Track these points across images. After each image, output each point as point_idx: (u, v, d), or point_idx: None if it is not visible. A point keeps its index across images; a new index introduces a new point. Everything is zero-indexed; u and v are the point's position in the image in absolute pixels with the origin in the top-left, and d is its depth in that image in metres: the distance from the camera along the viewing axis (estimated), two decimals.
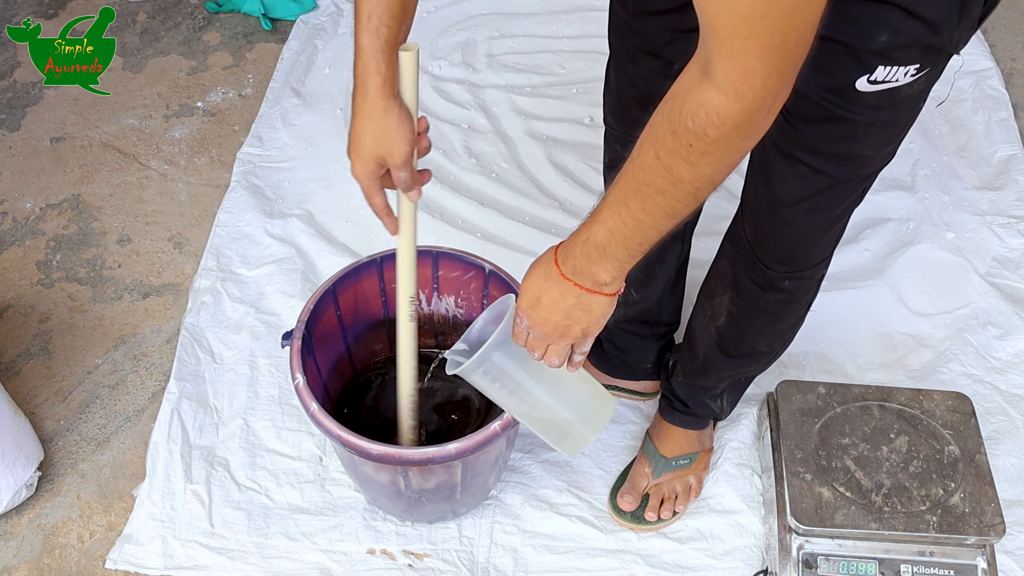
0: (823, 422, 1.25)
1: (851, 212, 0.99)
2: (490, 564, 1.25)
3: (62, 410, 1.44)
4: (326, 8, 2.22)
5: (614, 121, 1.15)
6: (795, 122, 0.87)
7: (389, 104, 0.85)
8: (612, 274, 0.78)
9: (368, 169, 0.89)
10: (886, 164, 0.93)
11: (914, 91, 0.82)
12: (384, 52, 0.82)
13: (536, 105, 1.96)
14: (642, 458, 1.34)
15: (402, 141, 0.87)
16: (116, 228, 1.73)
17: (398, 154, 0.88)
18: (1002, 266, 1.66)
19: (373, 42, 0.81)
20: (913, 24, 0.74)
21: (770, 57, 0.59)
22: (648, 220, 0.72)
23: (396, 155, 0.88)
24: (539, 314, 0.83)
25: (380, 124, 0.86)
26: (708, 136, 0.64)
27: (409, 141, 0.88)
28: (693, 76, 0.64)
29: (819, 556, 1.17)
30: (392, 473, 1.10)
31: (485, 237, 1.67)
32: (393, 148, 0.87)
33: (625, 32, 1.02)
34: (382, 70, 0.83)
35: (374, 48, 0.82)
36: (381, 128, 0.86)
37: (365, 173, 0.90)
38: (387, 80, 0.84)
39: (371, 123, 0.86)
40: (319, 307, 1.16)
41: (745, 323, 1.13)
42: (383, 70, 0.83)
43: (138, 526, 1.28)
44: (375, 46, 0.81)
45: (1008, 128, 1.90)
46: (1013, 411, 1.44)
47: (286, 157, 1.84)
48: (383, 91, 0.84)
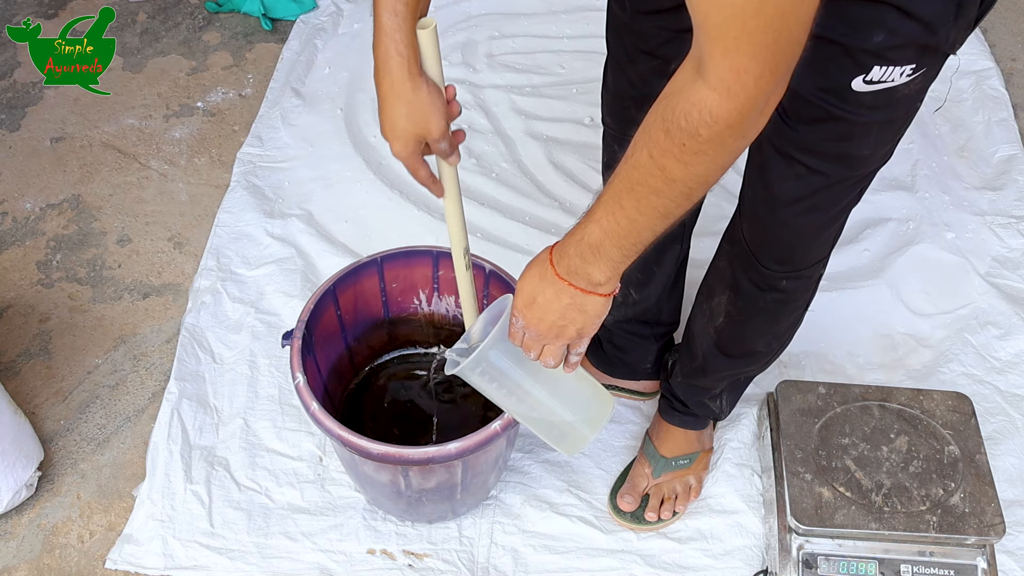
0: (823, 422, 1.25)
1: (849, 212, 0.99)
2: (490, 564, 1.25)
3: (62, 410, 1.44)
4: (326, 8, 2.22)
5: (612, 121, 1.15)
6: (792, 122, 0.87)
7: (416, 83, 0.85)
8: (607, 274, 0.78)
9: (409, 148, 0.89)
10: (883, 164, 0.93)
11: (911, 91, 0.82)
12: (403, 31, 0.82)
13: (536, 105, 1.96)
14: (642, 458, 1.34)
15: (436, 115, 0.87)
16: (116, 228, 1.73)
17: (435, 129, 0.88)
18: (1002, 266, 1.66)
19: (391, 22, 0.81)
20: (909, 24, 0.74)
21: (762, 56, 0.59)
22: (642, 220, 0.72)
23: (434, 131, 0.88)
24: (534, 314, 0.83)
25: (411, 103, 0.85)
26: (701, 135, 0.64)
27: (443, 114, 0.88)
28: (686, 75, 0.64)
29: (819, 556, 1.17)
30: (392, 473, 1.10)
31: (485, 237, 1.67)
32: (429, 125, 0.87)
33: (623, 32, 1.03)
34: (402, 50, 0.82)
35: (393, 28, 0.81)
36: (413, 107, 0.85)
37: (407, 151, 0.89)
38: (409, 60, 0.83)
39: (401, 104, 0.85)
40: (319, 307, 1.17)
41: (743, 323, 1.13)
42: (403, 50, 0.82)
43: (138, 526, 1.28)
44: (394, 26, 0.81)
45: (1008, 128, 1.91)
46: (1013, 411, 1.44)
47: (286, 157, 1.84)
48: (408, 71, 0.84)
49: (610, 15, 1.04)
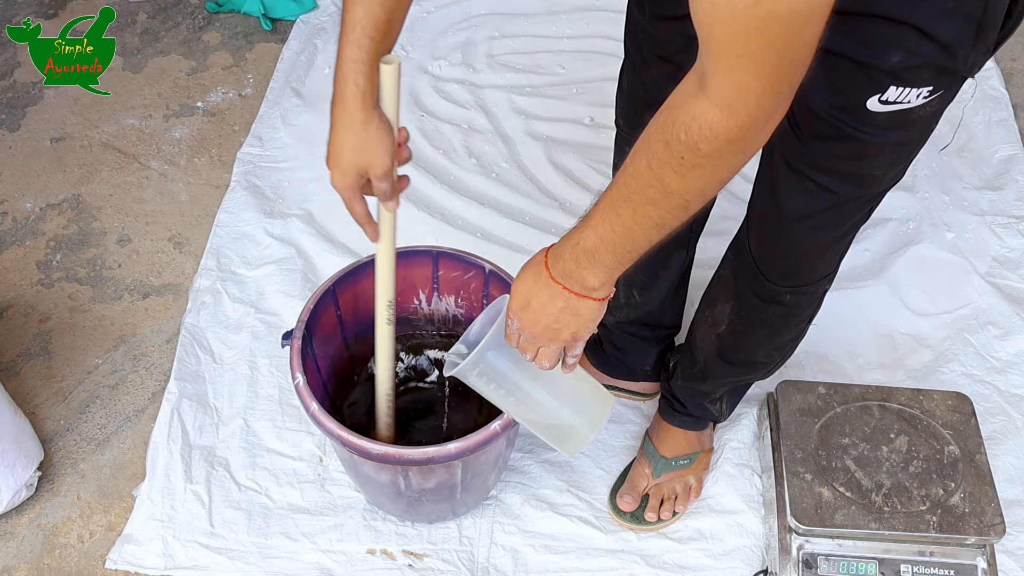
0: (823, 422, 1.25)
1: (857, 230, 0.98)
2: (490, 564, 1.25)
3: (62, 410, 1.44)
4: (326, 8, 2.22)
5: (625, 124, 1.15)
6: (804, 138, 0.86)
7: (368, 116, 0.84)
8: (600, 279, 0.78)
9: (347, 180, 0.89)
10: (895, 184, 0.92)
11: (926, 113, 0.80)
12: (364, 64, 0.81)
13: (536, 105, 1.96)
14: (642, 458, 1.34)
15: (382, 153, 0.87)
16: (116, 228, 1.73)
17: (379, 166, 0.88)
18: (1002, 266, 1.66)
19: (354, 53, 0.81)
20: (927, 45, 0.73)
21: (765, 75, 0.58)
22: (637, 229, 0.72)
23: (377, 167, 0.88)
24: (529, 316, 0.83)
25: (359, 136, 0.85)
26: (700, 150, 0.63)
27: (389, 153, 0.88)
28: (689, 88, 0.64)
29: (819, 556, 1.17)
30: (392, 473, 1.10)
31: (485, 237, 1.67)
32: (374, 160, 0.87)
33: (640, 35, 1.02)
34: (360, 82, 0.82)
35: (355, 59, 0.81)
36: (360, 140, 0.85)
37: (344, 184, 0.89)
38: (366, 92, 0.83)
39: (349, 135, 0.85)
40: (319, 307, 1.16)
41: (745, 333, 1.12)
42: (361, 82, 0.82)
43: (138, 526, 1.28)
44: (356, 57, 0.81)
45: (1008, 128, 1.90)
46: (1013, 411, 1.44)
47: (286, 157, 1.84)
48: (362, 103, 0.83)
49: (629, 18, 1.04)
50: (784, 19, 0.55)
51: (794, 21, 0.55)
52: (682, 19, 0.97)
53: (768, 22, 0.55)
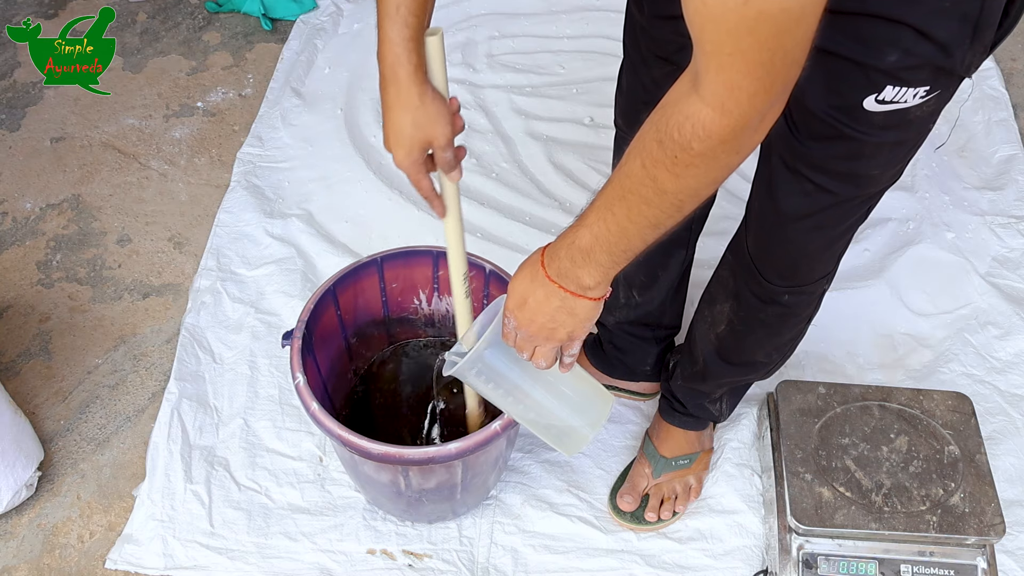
0: (823, 422, 1.25)
1: (855, 229, 0.98)
2: (490, 564, 1.25)
3: (62, 410, 1.44)
4: (326, 8, 2.22)
5: (624, 123, 1.15)
6: (802, 138, 0.86)
7: (423, 90, 0.86)
8: (596, 279, 0.78)
9: (413, 156, 0.90)
10: (892, 183, 0.92)
11: (923, 113, 0.80)
12: (413, 41, 0.83)
13: (536, 105, 1.96)
14: (642, 458, 1.34)
15: (443, 123, 0.88)
16: (116, 228, 1.73)
17: (441, 136, 0.89)
18: (1002, 266, 1.66)
19: (403, 32, 0.82)
20: (924, 45, 0.73)
21: (757, 75, 0.58)
22: (632, 228, 0.72)
23: (439, 137, 0.89)
24: (525, 315, 0.83)
25: (418, 111, 0.86)
26: (693, 149, 0.63)
27: (448, 123, 0.89)
28: (683, 87, 0.64)
29: (819, 556, 1.17)
30: (392, 473, 1.10)
31: (485, 237, 1.67)
32: (435, 131, 0.88)
33: (639, 35, 1.02)
34: (412, 59, 0.84)
35: (404, 38, 0.82)
36: (420, 115, 0.86)
37: (410, 160, 0.90)
38: (417, 68, 0.84)
39: (408, 112, 0.86)
40: (319, 307, 1.17)
41: (744, 333, 1.12)
42: (414, 59, 0.84)
43: (138, 526, 1.28)
44: (404, 35, 0.82)
45: (1008, 128, 1.90)
46: (1013, 411, 1.44)
47: (286, 157, 1.84)
48: (415, 79, 0.85)
49: (628, 18, 1.04)
50: (775, 18, 0.55)
51: (785, 20, 0.55)
52: (681, 19, 0.97)
53: (759, 21, 0.55)
